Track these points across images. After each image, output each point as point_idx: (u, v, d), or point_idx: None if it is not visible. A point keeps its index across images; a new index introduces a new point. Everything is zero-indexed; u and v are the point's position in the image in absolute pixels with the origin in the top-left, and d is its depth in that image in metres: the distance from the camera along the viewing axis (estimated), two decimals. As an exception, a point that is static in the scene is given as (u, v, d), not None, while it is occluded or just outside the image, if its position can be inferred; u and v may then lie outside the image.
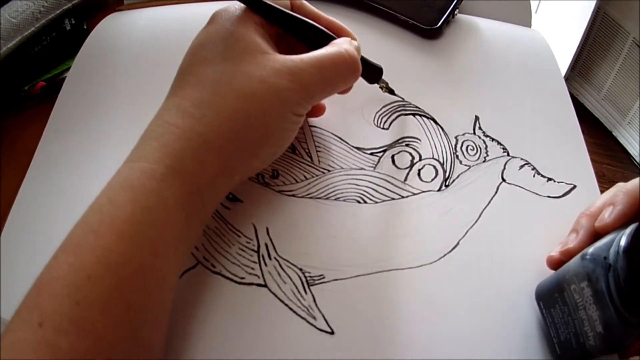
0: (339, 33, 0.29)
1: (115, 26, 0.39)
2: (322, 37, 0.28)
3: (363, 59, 0.30)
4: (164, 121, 0.23)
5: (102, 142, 0.33)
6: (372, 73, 0.32)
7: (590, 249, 0.24)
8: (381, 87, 0.34)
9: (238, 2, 0.26)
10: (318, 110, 0.33)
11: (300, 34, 0.28)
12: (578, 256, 0.24)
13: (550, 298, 0.25)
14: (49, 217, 0.29)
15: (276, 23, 0.27)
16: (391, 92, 0.34)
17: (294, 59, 0.25)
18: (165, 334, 0.23)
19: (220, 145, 0.23)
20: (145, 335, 0.20)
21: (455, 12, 0.39)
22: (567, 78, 1.34)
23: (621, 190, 0.26)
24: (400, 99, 0.35)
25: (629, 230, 0.22)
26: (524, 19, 0.44)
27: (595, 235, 0.26)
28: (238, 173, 0.25)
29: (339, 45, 0.27)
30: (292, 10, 0.28)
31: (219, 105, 0.23)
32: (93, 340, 0.18)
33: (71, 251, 0.20)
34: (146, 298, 0.20)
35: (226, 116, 0.23)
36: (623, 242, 0.21)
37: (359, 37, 0.30)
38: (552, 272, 0.27)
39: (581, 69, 1.33)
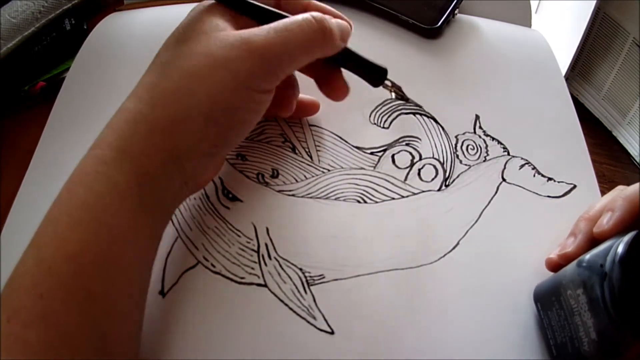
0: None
1: (115, 26, 0.39)
2: None
3: (360, 58, 0.28)
4: (120, 108, 0.24)
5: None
6: (374, 74, 0.29)
7: (587, 256, 0.23)
8: (390, 91, 0.30)
9: None
10: (312, 108, 0.32)
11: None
12: (574, 262, 0.24)
13: (548, 301, 0.25)
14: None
15: (245, 13, 0.26)
16: (402, 97, 0.31)
17: (252, 29, 0.24)
18: (137, 332, 0.22)
19: (165, 125, 0.22)
20: (111, 328, 0.20)
21: (456, 12, 0.40)
22: (567, 78, 1.34)
23: (620, 196, 0.25)
24: (416, 105, 0.33)
25: (626, 238, 0.22)
26: (524, 19, 0.44)
27: (594, 239, 0.26)
28: (189, 159, 0.23)
29: (307, 13, 0.25)
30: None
31: (164, 86, 0.23)
32: (58, 332, 0.19)
33: (35, 245, 0.20)
34: (108, 287, 0.20)
35: (170, 96, 0.23)
36: (620, 250, 0.21)
37: (359, 38, 0.30)
38: (551, 273, 0.27)
39: (581, 69, 1.33)
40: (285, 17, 0.26)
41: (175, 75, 0.23)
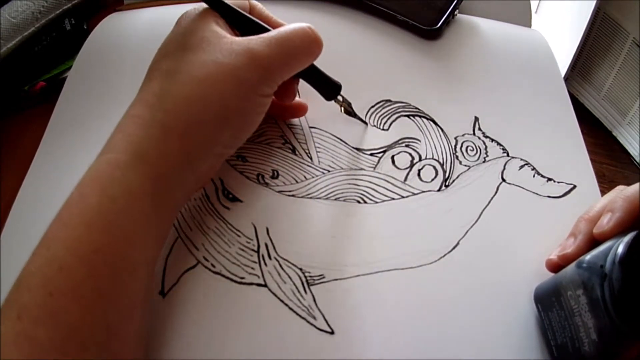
0: None
1: (115, 26, 0.39)
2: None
3: (320, 72, 0.29)
4: (129, 115, 0.24)
5: (103, 142, 0.32)
6: (329, 88, 0.30)
7: (587, 257, 0.24)
8: (340, 106, 0.32)
9: (201, 4, 0.27)
10: (300, 110, 0.32)
11: (249, 33, 0.27)
12: (574, 263, 0.24)
13: (548, 301, 0.25)
14: (50, 217, 0.29)
15: (230, 21, 0.28)
16: (350, 113, 0.32)
17: (252, 38, 0.26)
18: (142, 331, 0.23)
19: (180, 131, 0.23)
20: (118, 326, 0.21)
21: (455, 13, 0.39)
22: (567, 78, 1.34)
23: (620, 196, 0.25)
24: (362, 121, 0.33)
25: (626, 239, 0.22)
26: (524, 19, 0.44)
27: (594, 239, 0.26)
28: (203, 160, 0.25)
29: (299, 23, 0.27)
30: (250, 12, 0.28)
31: (176, 93, 0.24)
32: (68, 330, 0.19)
33: (45, 245, 0.21)
34: (118, 286, 0.21)
35: (183, 102, 0.24)
36: (620, 251, 0.21)
37: (359, 38, 0.30)
38: (551, 273, 0.27)
39: (581, 69, 1.33)
40: (262, 26, 0.27)
41: (187, 82, 0.24)
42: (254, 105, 0.26)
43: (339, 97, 0.31)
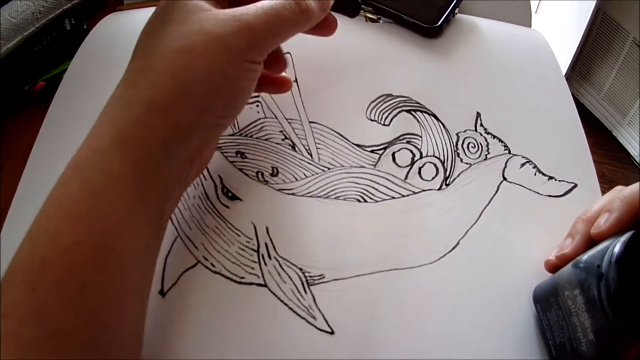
0: None
1: (115, 26, 0.39)
2: None
3: None
4: (112, 97, 0.23)
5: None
6: (350, 7, 0.31)
7: (584, 257, 0.24)
8: (364, 17, 0.32)
9: None
10: (284, 84, 0.31)
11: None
12: (571, 263, 0.24)
13: (546, 302, 0.25)
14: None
15: None
16: (374, 20, 0.33)
17: (239, 8, 0.25)
18: (137, 329, 0.22)
19: (166, 104, 0.22)
20: (107, 323, 0.20)
21: (456, 12, 0.39)
22: (567, 78, 1.34)
23: (618, 196, 0.25)
24: (390, 21, 0.34)
25: (623, 238, 0.22)
26: (524, 19, 0.44)
27: (592, 240, 0.26)
28: (194, 134, 0.23)
29: None
30: None
31: (158, 67, 0.23)
32: (52, 328, 0.18)
33: (28, 239, 0.20)
34: (104, 280, 0.20)
35: (167, 74, 0.23)
36: (616, 251, 0.21)
37: (360, 35, 0.30)
38: (551, 273, 0.27)
39: (581, 69, 1.33)
40: None
41: (169, 54, 0.23)
42: (243, 72, 0.25)
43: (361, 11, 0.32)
